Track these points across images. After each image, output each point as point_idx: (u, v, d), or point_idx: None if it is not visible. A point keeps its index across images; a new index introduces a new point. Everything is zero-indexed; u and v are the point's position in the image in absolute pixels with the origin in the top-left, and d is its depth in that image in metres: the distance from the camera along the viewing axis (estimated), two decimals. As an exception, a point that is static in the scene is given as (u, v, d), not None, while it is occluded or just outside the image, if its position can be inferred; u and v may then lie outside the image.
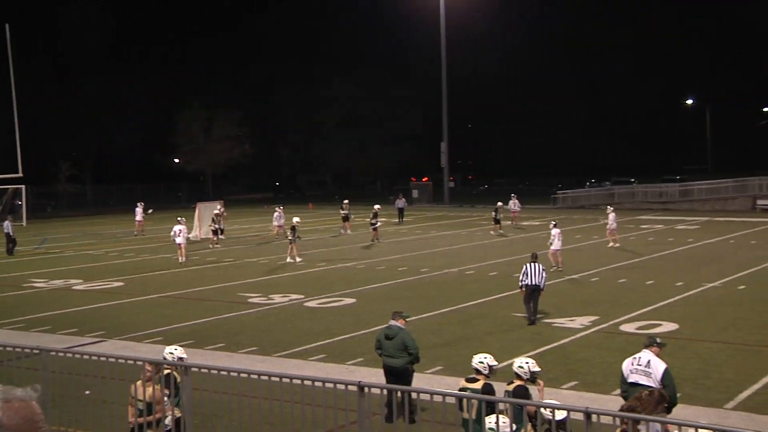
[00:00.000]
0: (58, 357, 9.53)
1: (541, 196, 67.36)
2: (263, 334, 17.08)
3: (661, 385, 9.43)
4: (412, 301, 20.51)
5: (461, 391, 9.08)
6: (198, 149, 77.28)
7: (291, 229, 29.45)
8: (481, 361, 9.37)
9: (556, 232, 26.04)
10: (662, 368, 9.58)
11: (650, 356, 9.70)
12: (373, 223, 35.60)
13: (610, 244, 32.20)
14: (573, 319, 17.97)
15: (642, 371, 9.67)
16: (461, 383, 9.45)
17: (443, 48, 65.87)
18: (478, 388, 9.06)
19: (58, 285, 24.62)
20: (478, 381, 9.24)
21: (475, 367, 9.35)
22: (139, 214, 42.07)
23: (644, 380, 9.61)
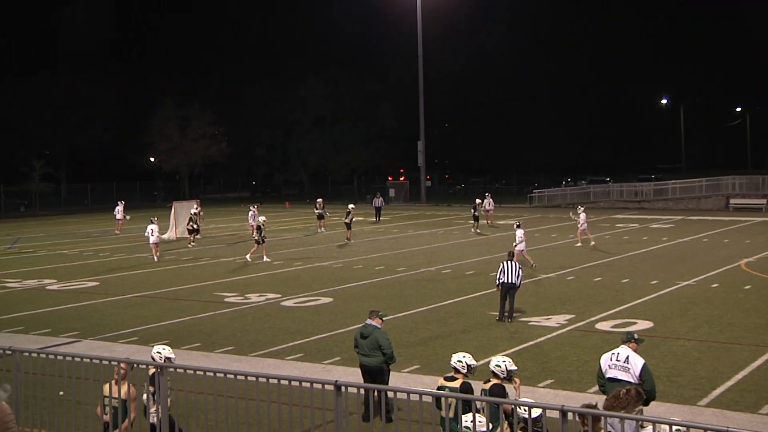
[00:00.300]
0: (31, 358, 9.43)
1: (517, 195, 67.69)
2: (239, 333, 17.01)
3: (640, 380, 9.53)
4: (389, 300, 20.53)
5: (439, 389, 9.10)
6: (174, 148, 76.81)
7: (257, 228, 29.49)
8: (460, 360, 9.39)
9: (521, 234, 26.15)
10: (641, 364, 9.68)
11: (629, 352, 9.80)
12: (347, 222, 35.66)
13: (579, 244, 32.40)
14: (549, 318, 18.07)
15: (621, 366, 9.75)
16: (440, 381, 9.47)
17: (420, 47, 65.94)
18: (457, 386, 9.08)
19: (31, 285, 24.37)
20: (457, 380, 9.27)
21: (454, 365, 9.37)
22: (120, 213, 41.84)
23: (622, 375, 9.70)
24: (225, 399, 8.88)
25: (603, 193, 60.58)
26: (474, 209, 39.83)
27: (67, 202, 69.29)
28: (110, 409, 8.79)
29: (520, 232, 26.22)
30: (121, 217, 41.79)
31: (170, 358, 9.48)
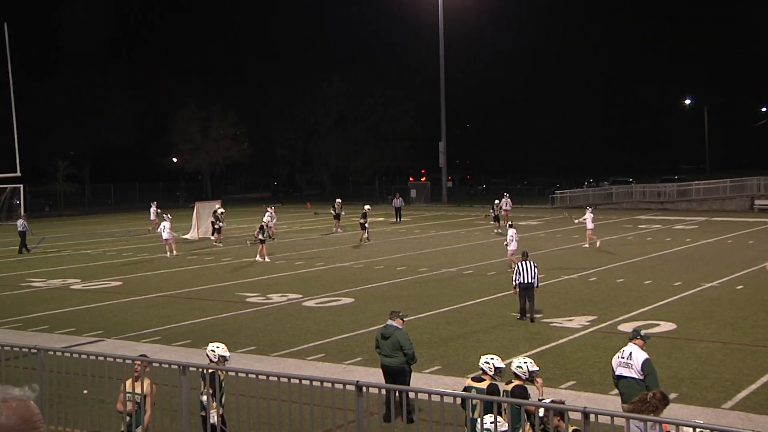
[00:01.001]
0: (55, 356, 9.52)
1: (539, 195, 67.40)
2: (261, 333, 17.07)
3: (642, 374, 9.61)
4: (411, 300, 20.52)
5: (466, 389, 9.10)
6: (196, 148, 77.21)
7: (259, 228, 29.74)
8: (487, 361, 9.38)
9: (512, 233, 26.01)
10: (642, 358, 9.80)
11: (633, 348, 9.94)
12: (363, 223, 35.61)
13: (587, 245, 32.20)
14: (571, 319, 17.98)
15: (625, 363, 9.86)
16: (467, 382, 9.46)
17: (441, 47, 65.88)
18: (484, 387, 9.08)
19: (56, 284, 24.60)
20: (485, 381, 9.27)
21: (482, 367, 9.36)
22: (154, 214, 42.34)
23: (626, 372, 9.78)
24: (246, 399, 8.91)
25: (625, 194, 60.18)
26: (492, 209, 40.01)
27: (91, 202, 69.81)
28: (134, 405, 8.89)
29: (512, 231, 26.09)
30: (155, 217, 42.35)
31: (225, 356, 9.73)
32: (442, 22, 65.00)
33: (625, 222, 44.88)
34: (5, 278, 26.17)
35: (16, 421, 1.93)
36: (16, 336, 16.56)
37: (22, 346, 9.96)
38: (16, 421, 1.93)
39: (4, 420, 1.91)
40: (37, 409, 1.99)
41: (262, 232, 29.49)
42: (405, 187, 70.90)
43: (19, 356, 9.95)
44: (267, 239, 29.62)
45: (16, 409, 1.94)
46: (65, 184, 67.94)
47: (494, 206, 40.14)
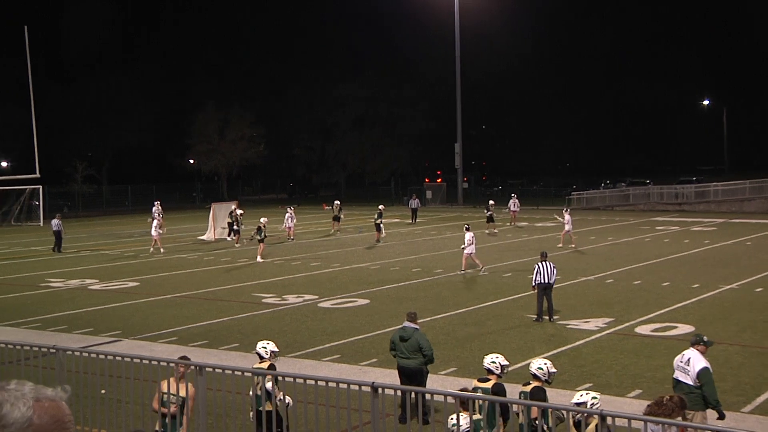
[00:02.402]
0: (74, 356, 9.59)
1: (555, 197, 67.19)
2: (277, 334, 17.10)
3: (698, 383, 9.39)
4: (426, 301, 20.51)
5: (473, 390, 9.10)
6: (212, 150, 77.50)
7: (257, 229, 29.91)
8: (493, 360, 9.41)
9: (470, 236, 25.96)
10: (699, 366, 9.51)
11: (693, 354, 9.68)
12: (378, 223, 35.70)
13: (560, 245, 32.18)
14: (587, 321, 17.91)
15: (682, 368, 9.68)
16: (474, 383, 9.48)
17: (458, 48, 65.82)
18: (489, 387, 9.08)
19: (74, 285, 24.76)
20: (489, 381, 9.27)
21: (487, 366, 9.39)
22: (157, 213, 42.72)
23: (683, 377, 9.62)
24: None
25: (642, 195, 59.87)
26: (487, 209, 40.36)
27: (109, 203, 70.22)
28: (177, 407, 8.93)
29: (469, 234, 26.03)
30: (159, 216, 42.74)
31: (275, 351, 10.07)
32: (458, 24, 64.95)
33: (642, 223, 44.66)
34: (25, 278, 26.39)
35: (48, 421, 1.96)
36: (35, 335, 16.69)
37: (41, 346, 10.04)
38: (48, 420, 1.96)
39: (36, 419, 1.93)
40: (68, 409, 2.02)
41: (260, 233, 29.76)
42: (421, 188, 70.86)
43: (38, 356, 10.02)
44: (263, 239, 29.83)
45: (49, 409, 1.97)
46: (84, 185, 68.40)
47: (489, 206, 40.32)
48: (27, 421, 1.93)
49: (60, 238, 34.41)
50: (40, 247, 36.16)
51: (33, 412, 1.95)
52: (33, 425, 1.93)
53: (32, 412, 1.95)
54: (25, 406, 1.94)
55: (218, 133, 77.55)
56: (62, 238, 34.59)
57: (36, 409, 1.96)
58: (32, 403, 1.96)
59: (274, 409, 8.97)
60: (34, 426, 1.93)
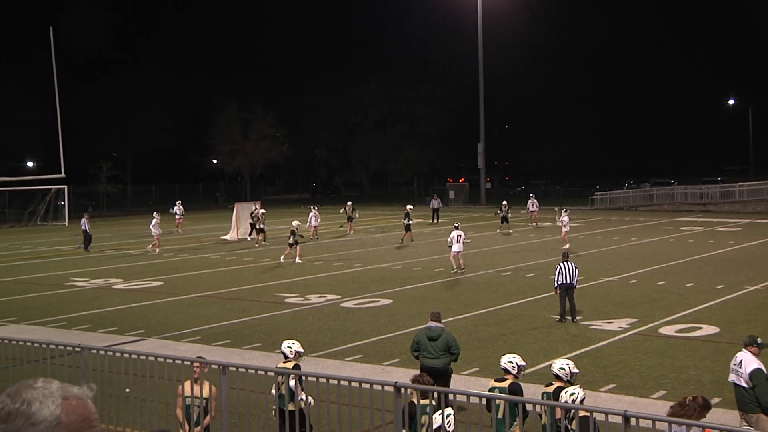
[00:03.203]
0: (98, 355, 9.68)
1: (578, 197, 66.84)
2: (299, 334, 17.13)
3: (751, 384, 9.26)
4: (448, 301, 20.48)
5: (491, 391, 9.10)
6: (235, 150, 77.87)
7: (291, 233, 29.50)
8: (510, 360, 9.41)
9: (455, 235, 25.86)
10: (751, 367, 9.33)
11: (745, 356, 9.51)
12: (407, 224, 35.56)
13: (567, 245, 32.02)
14: (611, 321, 17.81)
15: (735, 370, 9.55)
16: (491, 383, 9.48)
17: (480, 49, 65.66)
18: (506, 387, 9.09)
19: (98, 284, 24.98)
20: (506, 380, 9.28)
21: (504, 366, 9.40)
22: (178, 212, 43.24)
23: (735, 379, 9.51)
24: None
25: (667, 196, 59.40)
26: (500, 210, 40.40)
27: (133, 203, 70.78)
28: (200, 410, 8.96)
29: (455, 233, 25.94)
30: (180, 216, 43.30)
31: (300, 351, 10.09)
32: (481, 24, 64.77)
33: (666, 224, 44.31)
34: (50, 277, 26.66)
35: (76, 419, 1.98)
36: (60, 334, 16.85)
37: (67, 345, 10.13)
38: (76, 419, 1.98)
39: (64, 417, 1.96)
40: (94, 408, 2.04)
41: (293, 236, 29.43)
42: (443, 188, 70.78)
43: (64, 354, 10.12)
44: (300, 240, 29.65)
45: (76, 407, 1.99)
46: (108, 185, 69.00)
47: (502, 207, 40.37)
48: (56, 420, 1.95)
49: (88, 237, 34.72)
50: (65, 247, 36.51)
51: (61, 410, 1.97)
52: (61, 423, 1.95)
53: (60, 410, 1.97)
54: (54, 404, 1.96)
55: (241, 134, 77.91)
56: (90, 237, 34.89)
57: (64, 407, 1.98)
58: (60, 401, 1.99)
59: (297, 409, 9.00)
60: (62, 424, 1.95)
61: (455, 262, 25.92)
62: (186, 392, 9.03)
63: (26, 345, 10.21)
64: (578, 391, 8.40)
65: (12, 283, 25.57)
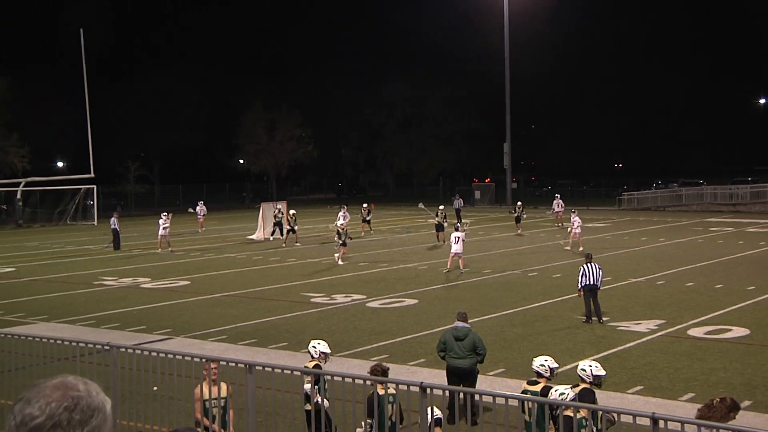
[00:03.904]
0: (127, 353, 9.76)
1: (605, 197, 66.37)
2: (325, 333, 17.16)
3: None
4: (474, 302, 20.42)
5: (522, 393, 9.06)
6: (261, 150, 78.21)
7: (337, 233, 29.29)
8: (542, 363, 9.34)
9: (454, 236, 25.81)
10: None
11: None
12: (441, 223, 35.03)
13: (568, 248, 31.71)
14: (638, 323, 17.66)
15: None
16: (523, 386, 9.43)
17: (507, 48, 65.42)
18: (538, 390, 9.03)
19: (127, 283, 25.20)
20: (539, 383, 9.21)
21: (536, 369, 9.33)
22: (201, 212, 43.57)
23: None
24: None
25: (696, 196, 58.80)
26: (514, 210, 40.30)
27: (160, 202, 71.25)
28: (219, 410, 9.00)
29: (455, 234, 25.88)
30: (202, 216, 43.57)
31: (326, 353, 10.03)
32: (508, 23, 64.53)
33: (695, 224, 43.86)
34: (79, 276, 26.94)
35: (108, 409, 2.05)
36: (89, 333, 17.03)
37: (96, 343, 10.23)
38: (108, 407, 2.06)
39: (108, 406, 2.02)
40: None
41: (340, 236, 29.17)
42: (469, 188, 70.59)
43: (93, 352, 10.22)
44: (349, 241, 29.34)
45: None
46: (136, 185, 69.65)
47: (516, 207, 40.17)
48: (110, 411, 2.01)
49: (118, 236, 35.03)
50: (94, 246, 36.87)
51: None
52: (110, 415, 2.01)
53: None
54: (106, 398, 2.02)
55: (267, 134, 78.26)
56: (119, 237, 35.19)
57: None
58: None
59: (319, 409, 9.01)
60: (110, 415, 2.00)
61: (451, 263, 25.83)
62: (205, 395, 9.06)
63: (56, 343, 10.32)
64: (567, 391, 8.53)
65: (42, 281, 25.89)
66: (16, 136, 58.33)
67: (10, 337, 11.12)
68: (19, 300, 22.12)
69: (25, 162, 58.31)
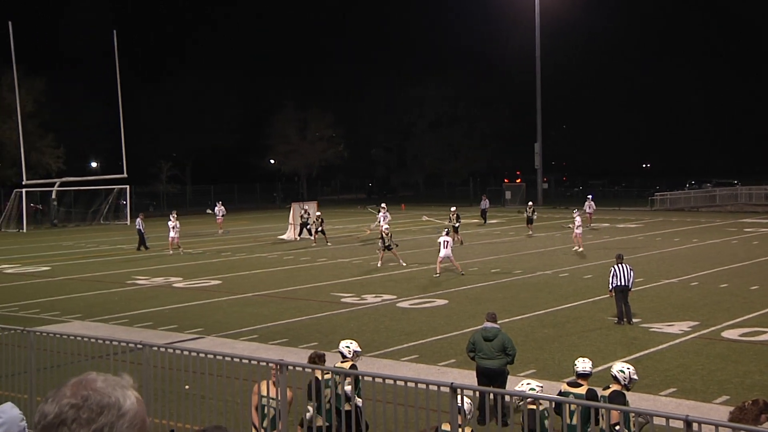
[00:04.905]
0: (159, 352, 9.85)
1: (637, 198, 65.77)
2: (355, 333, 17.19)
3: None
4: (505, 302, 20.35)
5: (562, 395, 8.99)
6: (292, 150, 78.56)
7: (380, 238, 29.03)
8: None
9: (442, 240, 25.62)
10: None
11: None
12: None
13: (575, 248, 31.35)
14: (671, 324, 17.48)
15: None
16: (563, 387, 9.36)
17: (538, 48, 65.08)
18: (582, 393, 8.96)
19: (159, 282, 25.44)
20: (582, 386, 9.15)
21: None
22: (220, 213, 43.74)
23: None
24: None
25: (730, 196, 58.08)
26: (526, 211, 40.35)
27: (192, 202, 71.96)
28: (273, 410, 9.06)
29: (442, 238, 25.70)
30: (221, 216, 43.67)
31: (358, 351, 10.22)
32: (539, 22, 64.18)
33: (729, 225, 43.30)
34: (113, 276, 27.25)
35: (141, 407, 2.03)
36: (122, 331, 17.22)
37: (129, 342, 10.35)
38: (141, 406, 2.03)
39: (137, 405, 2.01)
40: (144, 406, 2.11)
41: (384, 241, 28.87)
42: (500, 188, 70.32)
43: (126, 351, 10.33)
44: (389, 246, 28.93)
45: (138, 396, 2.05)
46: (168, 185, 70.31)
47: (527, 208, 40.31)
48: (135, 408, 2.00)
49: (142, 236, 35.36)
50: (126, 246, 37.27)
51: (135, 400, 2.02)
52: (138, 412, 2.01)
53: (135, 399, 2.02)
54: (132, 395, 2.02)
55: (298, 134, 78.58)
56: (144, 237, 35.50)
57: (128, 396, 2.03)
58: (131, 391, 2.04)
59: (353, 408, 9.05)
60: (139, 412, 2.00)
61: (440, 267, 25.58)
62: (262, 392, 9.13)
63: (90, 341, 10.45)
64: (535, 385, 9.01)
65: (77, 280, 26.23)
66: (51, 136, 59.16)
67: (46, 335, 11.29)
68: (55, 299, 22.44)
69: (60, 162, 59.13)
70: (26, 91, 53.10)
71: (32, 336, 10.87)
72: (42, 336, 11.21)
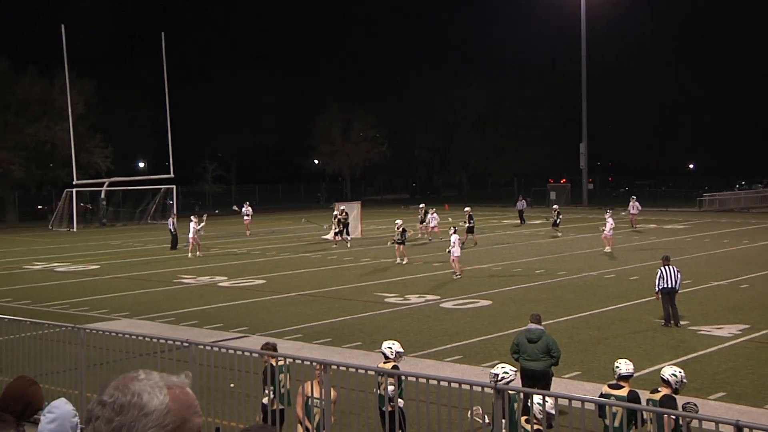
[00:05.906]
0: (205, 350, 9.95)
1: (685, 198, 64.75)
2: (399, 334, 17.19)
3: None
4: (549, 304, 20.18)
5: (603, 397, 8.89)
6: (336, 150, 78.87)
7: (401, 232, 29.35)
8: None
9: (455, 239, 25.21)
10: None
11: None
12: (470, 226, 34.77)
13: (607, 249, 30.79)
14: (720, 327, 17.16)
15: None
16: (604, 389, 9.25)
17: (584, 47, 64.44)
18: (623, 395, 8.85)
19: (204, 282, 25.72)
20: (623, 388, 9.03)
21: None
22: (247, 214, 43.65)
23: None
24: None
25: (781, 197, 56.89)
26: (550, 218, 40.70)
27: (237, 202, 72.63)
28: (319, 410, 9.13)
29: (455, 237, 25.32)
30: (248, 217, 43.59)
31: (400, 352, 10.27)
32: (585, 22, 63.53)
33: (780, 226, 42.38)
34: (159, 275, 27.62)
35: (181, 407, 2.03)
36: (169, 330, 17.44)
37: (175, 340, 10.48)
38: (181, 406, 2.03)
39: (172, 405, 2.01)
40: (194, 395, 2.09)
41: (402, 235, 29.39)
42: (544, 189, 69.79)
43: (173, 349, 10.47)
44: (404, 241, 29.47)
45: (180, 395, 2.05)
46: (213, 185, 71.07)
47: (552, 211, 40.25)
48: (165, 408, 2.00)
49: (174, 237, 35.72)
50: (180, 245, 37.67)
51: (169, 399, 2.02)
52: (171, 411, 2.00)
53: (168, 399, 2.02)
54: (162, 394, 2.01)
55: (342, 134, 78.85)
56: (177, 238, 35.83)
57: (170, 396, 2.03)
58: (166, 390, 2.04)
59: (396, 410, 9.05)
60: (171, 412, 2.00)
61: (459, 268, 25.39)
62: (307, 392, 9.19)
63: (137, 339, 10.60)
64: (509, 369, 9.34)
65: (125, 279, 26.64)
66: (99, 137, 60.16)
67: (95, 333, 11.49)
68: (103, 297, 22.81)
69: (108, 162, 60.10)
70: (77, 93, 54.03)
71: (82, 333, 11.07)
72: (91, 333, 11.41)
